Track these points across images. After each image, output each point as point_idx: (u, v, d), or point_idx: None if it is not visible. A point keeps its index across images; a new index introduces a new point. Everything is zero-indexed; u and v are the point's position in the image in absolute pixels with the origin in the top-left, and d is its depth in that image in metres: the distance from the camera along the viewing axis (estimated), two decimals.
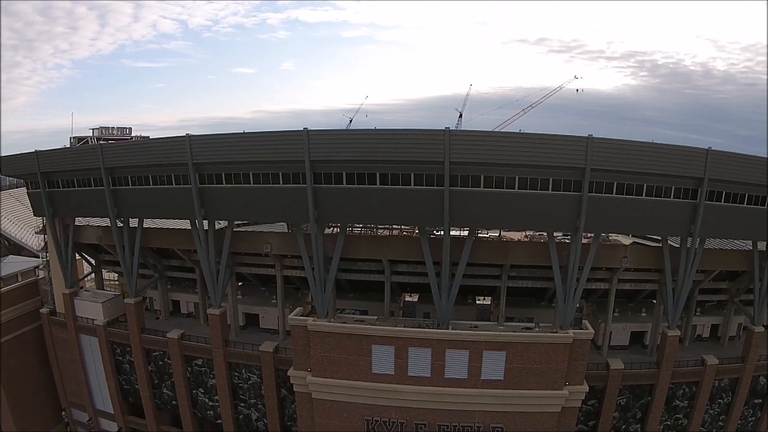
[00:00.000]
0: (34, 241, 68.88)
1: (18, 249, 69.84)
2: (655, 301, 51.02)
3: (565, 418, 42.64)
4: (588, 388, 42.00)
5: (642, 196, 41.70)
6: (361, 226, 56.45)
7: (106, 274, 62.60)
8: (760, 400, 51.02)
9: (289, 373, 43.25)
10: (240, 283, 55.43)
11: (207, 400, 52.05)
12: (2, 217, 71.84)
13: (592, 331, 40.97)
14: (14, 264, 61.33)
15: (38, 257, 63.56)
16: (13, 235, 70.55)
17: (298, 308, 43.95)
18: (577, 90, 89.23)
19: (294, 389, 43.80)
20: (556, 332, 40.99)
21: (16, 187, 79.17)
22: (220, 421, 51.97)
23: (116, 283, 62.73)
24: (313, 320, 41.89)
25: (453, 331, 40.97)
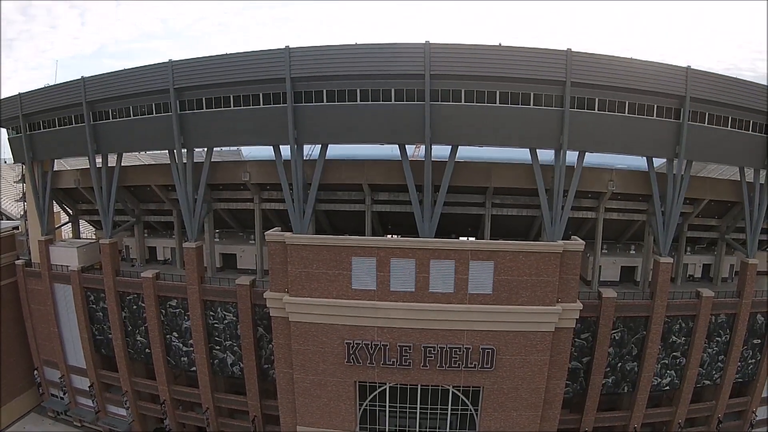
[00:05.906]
0: (14, 210, 68.05)
1: None
2: (643, 243, 49.67)
3: (559, 341, 40.27)
4: (582, 306, 39.93)
5: (625, 113, 41.85)
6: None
7: (83, 232, 61.11)
8: (760, 341, 48.90)
9: (265, 295, 41.15)
10: (218, 230, 53.84)
11: (181, 345, 49.43)
12: None
13: (583, 242, 39.29)
14: None
15: (17, 221, 62.30)
16: None
17: (276, 227, 42.45)
18: None
19: (270, 314, 41.59)
20: None
21: None
22: (194, 368, 49.24)
23: (93, 238, 60.98)
24: (291, 234, 40.39)
25: (438, 239, 39.39)
